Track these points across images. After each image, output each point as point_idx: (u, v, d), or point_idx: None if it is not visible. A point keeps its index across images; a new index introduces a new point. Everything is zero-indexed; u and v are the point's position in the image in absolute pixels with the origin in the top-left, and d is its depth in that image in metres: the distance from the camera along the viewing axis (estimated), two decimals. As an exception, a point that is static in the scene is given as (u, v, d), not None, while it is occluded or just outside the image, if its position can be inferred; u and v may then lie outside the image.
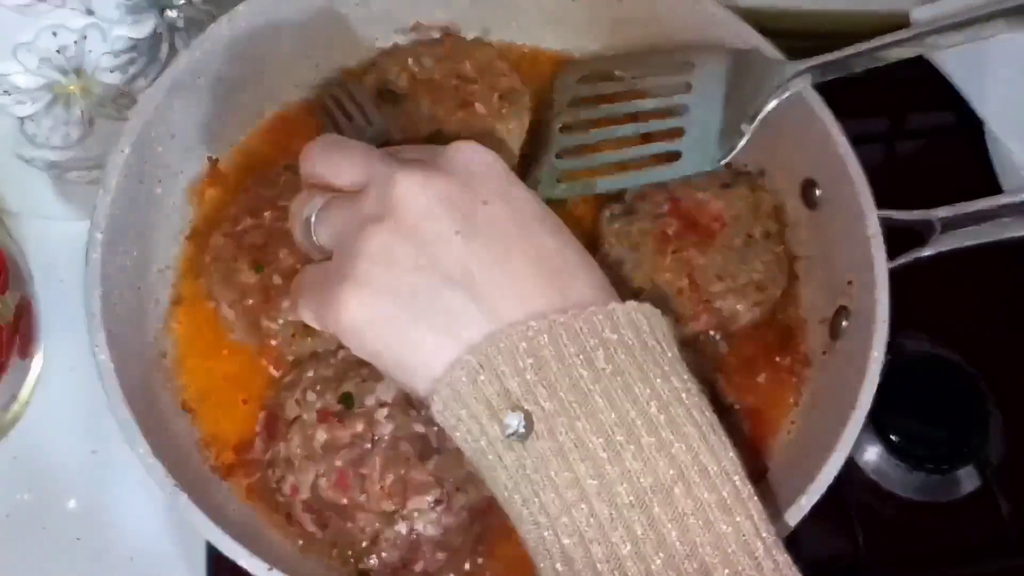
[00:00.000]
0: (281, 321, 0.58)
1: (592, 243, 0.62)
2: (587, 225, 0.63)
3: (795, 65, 0.59)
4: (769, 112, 0.58)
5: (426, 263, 0.43)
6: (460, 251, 0.43)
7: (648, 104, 0.62)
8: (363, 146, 0.48)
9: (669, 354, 0.44)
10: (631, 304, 0.44)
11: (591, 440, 0.41)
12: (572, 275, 0.44)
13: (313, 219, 0.47)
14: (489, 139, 0.61)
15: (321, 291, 0.45)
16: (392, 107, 0.63)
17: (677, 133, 0.61)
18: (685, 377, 0.43)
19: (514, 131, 0.63)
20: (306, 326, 0.58)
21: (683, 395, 0.42)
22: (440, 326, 0.43)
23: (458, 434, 0.44)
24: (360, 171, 0.46)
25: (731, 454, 0.42)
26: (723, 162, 0.59)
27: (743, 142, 0.59)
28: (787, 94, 0.58)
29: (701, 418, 0.42)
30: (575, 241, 0.46)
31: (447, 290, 0.42)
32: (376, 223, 0.43)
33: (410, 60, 0.65)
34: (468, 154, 0.45)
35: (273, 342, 0.58)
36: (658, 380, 0.42)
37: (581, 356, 0.42)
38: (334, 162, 0.47)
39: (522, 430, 0.41)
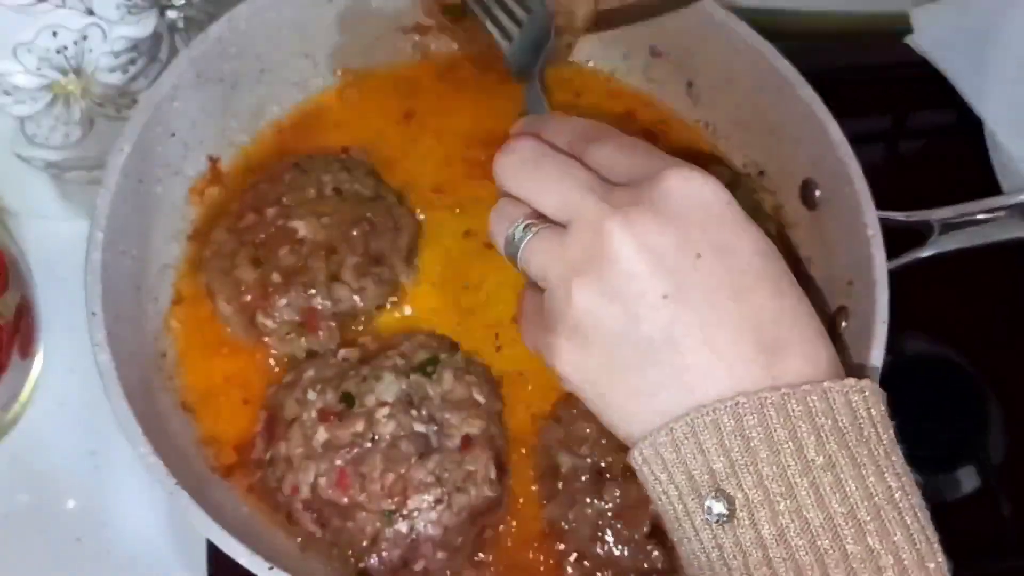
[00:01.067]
0: (277, 319, 0.58)
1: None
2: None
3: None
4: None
5: (631, 327, 0.41)
6: (666, 317, 0.40)
7: None
8: (566, 167, 0.44)
9: (885, 441, 0.41)
10: (849, 382, 0.41)
11: (794, 540, 0.38)
12: (788, 346, 0.41)
13: (521, 245, 0.45)
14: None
15: (537, 330, 0.45)
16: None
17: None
18: (899, 471, 0.40)
19: None
20: (301, 324, 0.58)
21: (896, 495, 0.39)
22: (640, 394, 0.41)
23: (651, 489, 0.42)
24: (565, 204, 0.43)
25: (940, 559, 0.40)
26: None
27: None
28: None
29: (913, 523, 0.39)
30: (796, 300, 0.43)
31: (650, 357, 0.41)
32: (583, 276, 0.41)
33: None
34: (686, 190, 0.42)
35: (268, 339, 0.58)
36: (871, 478, 0.39)
37: (791, 443, 0.39)
38: (536, 186, 0.45)
39: (724, 517, 0.39)
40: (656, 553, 0.54)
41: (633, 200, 0.42)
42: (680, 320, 0.40)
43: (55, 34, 0.57)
